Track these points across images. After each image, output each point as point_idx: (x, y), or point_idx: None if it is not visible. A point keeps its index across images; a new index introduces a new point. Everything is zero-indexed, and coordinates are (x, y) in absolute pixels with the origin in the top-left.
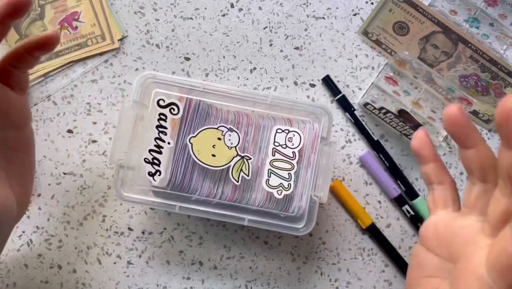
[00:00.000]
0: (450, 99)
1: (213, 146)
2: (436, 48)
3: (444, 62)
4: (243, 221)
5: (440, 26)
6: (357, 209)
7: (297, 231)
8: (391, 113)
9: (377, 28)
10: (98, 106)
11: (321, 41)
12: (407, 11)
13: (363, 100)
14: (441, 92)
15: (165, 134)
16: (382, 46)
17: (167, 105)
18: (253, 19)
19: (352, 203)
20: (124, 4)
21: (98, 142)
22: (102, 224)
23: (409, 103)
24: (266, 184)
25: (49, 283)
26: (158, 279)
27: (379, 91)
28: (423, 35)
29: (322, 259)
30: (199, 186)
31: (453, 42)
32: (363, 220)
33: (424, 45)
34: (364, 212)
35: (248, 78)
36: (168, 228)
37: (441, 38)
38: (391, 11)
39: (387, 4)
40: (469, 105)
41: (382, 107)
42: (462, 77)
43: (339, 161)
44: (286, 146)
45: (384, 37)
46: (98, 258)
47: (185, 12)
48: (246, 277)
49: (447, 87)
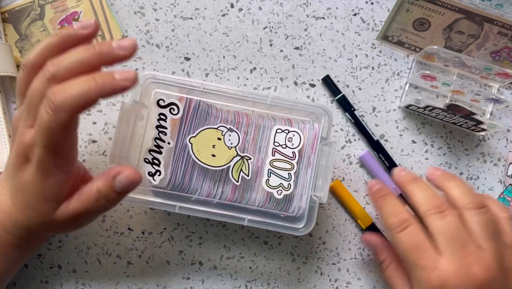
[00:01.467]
0: (486, 77)
1: (213, 146)
2: (462, 33)
3: (473, 44)
4: (243, 221)
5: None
6: (357, 209)
7: (297, 231)
8: (438, 109)
9: (396, 30)
10: (98, 106)
11: (321, 41)
12: (425, 7)
13: (404, 103)
14: (476, 73)
15: (165, 134)
16: (405, 46)
17: (167, 105)
18: (253, 19)
19: (352, 203)
20: (124, 4)
21: (98, 142)
22: (102, 224)
23: (450, 93)
24: (266, 184)
25: (49, 283)
26: (158, 279)
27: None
28: (445, 26)
29: (322, 259)
30: (199, 186)
31: (478, 24)
32: (363, 220)
33: (448, 34)
34: (364, 212)
35: (248, 78)
36: (168, 228)
37: (465, 23)
38: (408, 11)
39: (403, 6)
40: (509, 78)
41: (428, 105)
42: (493, 53)
43: (339, 161)
44: (286, 146)
45: (405, 36)
46: (98, 258)
47: (185, 12)
48: (246, 277)
49: (483, 67)
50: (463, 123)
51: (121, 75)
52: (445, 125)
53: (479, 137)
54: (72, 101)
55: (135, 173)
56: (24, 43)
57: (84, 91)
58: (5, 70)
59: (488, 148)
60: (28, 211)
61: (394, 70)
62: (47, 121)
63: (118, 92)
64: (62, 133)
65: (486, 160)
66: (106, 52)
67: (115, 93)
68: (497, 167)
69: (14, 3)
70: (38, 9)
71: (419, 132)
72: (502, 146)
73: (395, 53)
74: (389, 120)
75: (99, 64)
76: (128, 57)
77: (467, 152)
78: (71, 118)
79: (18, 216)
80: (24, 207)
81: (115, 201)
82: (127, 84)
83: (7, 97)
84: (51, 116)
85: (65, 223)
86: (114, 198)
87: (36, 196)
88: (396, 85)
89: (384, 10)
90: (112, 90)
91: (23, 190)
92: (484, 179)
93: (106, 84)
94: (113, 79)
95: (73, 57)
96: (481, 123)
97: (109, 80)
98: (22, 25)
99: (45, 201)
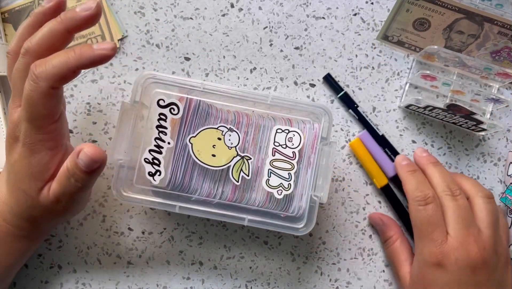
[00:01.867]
0: (486, 77)
1: (213, 146)
2: (462, 33)
3: (473, 44)
4: (243, 221)
5: (462, 13)
6: (374, 168)
7: (297, 231)
8: (438, 108)
9: (396, 30)
10: (98, 106)
11: (321, 41)
12: (425, 7)
13: (404, 103)
14: (476, 73)
15: (165, 134)
16: (405, 46)
17: (167, 105)
18: (253, 19)
19: (369, 162)
20: (124, 4)
21: (98, 142)
22: (102, 224)
23: (450, 93)
24: (266, 184)
25: (49, 283)
26: (158, 279)
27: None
28: (445, 25)
29: (322, 259)
30: (199, 186)
31: (478, 23)
32: (379, 180)
33: (448, 34)
34: (381, 172)
35: (248, 78)
36: (168, 228)
37: (465, 23)
38: (408, 11)
39: (403, 6)
40: (509, 77)
41: (428, 105)
42: (493, 53)
43: (339, 161)
44: (286, 145)
45: (405, 36)
46: (98, 258)
47: (185, 12)
48: (246, 277)
49: (483, 67)
50: (463, 123)
51: (99, 45)
52: (445, 125)
53: (479, 137)
54: (52, 69)
55: (95, 149)
56: None
57: (63, 60)
58: (5, 70)
59: (488, 148)
60: (16, 192)
61: (394, 70)
62: (29, 92)
63: (97, 61)
64: (44, 103)
65: (486, 159)
66: (70, 16)
67: (94, 62)
68: (497, 167)
69: (14, 3)
70: None
71: (419, 132)
72: (502, 145)
73: (395, 53)
74: (389, 120)
75: (67, 30)
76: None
77: (467, 152)
78: (52, 87)
79: (12, 202)
80: (13, 189)
81: (83, 180)
82: (104, 52)
83: (7, 97)
84: (32, 86)
85: (50, 207)
86: (82, 177)
87: (22, 174)
88: (396, 85)
89: (384, 10)
90: (90, 59)
91: (13, 171)
92: (484, 179)
93: (84, 53)
94: (91, 48)
95: (43, 29)
96: (481, 123)
97: (86, 49)
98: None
99: (31, 179)
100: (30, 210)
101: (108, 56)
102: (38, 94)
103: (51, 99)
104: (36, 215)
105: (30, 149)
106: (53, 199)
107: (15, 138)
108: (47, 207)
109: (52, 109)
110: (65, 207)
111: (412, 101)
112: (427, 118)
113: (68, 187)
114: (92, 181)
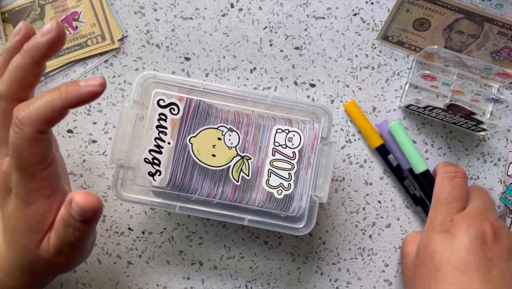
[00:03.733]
0: (486, 77)
1: (213, 145)
2: (462, 33)
3: (473, 44)
4: (243, 221)
5: (462, 13)
6: (368, 128)
7: (297, 231)
8: (438, 108)
9: (396, 30)
10: (98, 106)
11: (321, 41)
12: (425, 7)
13: (404, 103)
14: (476, 73)
15: (165, 134)
16: (405, 46)
17: (167, 105)
18: (253, 19)
19: (363, 123)
20: (124, 4)
21: (98, 142)
22: (102, 224)
23: (450, 93)
24: (266, 184)
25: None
26: (158, 279)
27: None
28: (445, 25)
29: (322, 259)
30: (199, 186)
31: (478, 23)
32: (372, 141)
33: (448, 34)
34: (375, 133)
35: (248, 78)
36: (168, 228)
37: (465, 23)
38: (408, 11)
39: (403, 6)
40: (509, 77)
41: (428, 105)
42: (493, 53)
43: (339, 161)
44: (286, 145)
45: (405, 36)
46: (98, 258)
47: (185, 12)
48: (246, 277)
49: (483, 67)
50: (463, 123)
51: (86, 82)
52: (445, 125)
53: (479, 137)
54: (36, 112)
55: (86, 198)
56: None
57: (47, 101)
58: None
59: (488, 148)
60: (16, 247)
61: (394, 70)
62: (14, 139)
63: (86, 98)
64: (32, 150)
65: (486, 159)
66: (32, 46)
67: (81, 100)
68: (497, 167)
69: (14, 3)
70: (38, 9)
71: (419, 132)
72: (502, 145)
73: (395, 53)
74: (389, 120)
75: (34, 61)
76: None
77: (467, 152)
78: (39, 132)
79: (11, 256)
80: (11, 244)
81: (81, 229)
82: (92, 89)
83: None
84: (17, 133)
85: (51, 260)
86: (79, 226)
87: (19, 227)
88: (396, 85)
89: (384, 10)
90: (77, 97)
91: (9, 225)
92: (484, 179)
93: (70, 92)
94: (77, 86)
95: (10, 68)
96: (481, 123)
97: (72, 87)
98: None
99: (29, 232)
100: (31, 265)
101: (97, 93)
102: (24, 141)
103: (39, 145)
104: (37, 269)
105: (25, 200)
106: (54, 251)
107: (8, 190)
108: (49, 260)
109: (42, 155)
110: (67, 257)
111: (412, 101)
112: (427, 118)
113: (67, 237)
114: (91, 229)
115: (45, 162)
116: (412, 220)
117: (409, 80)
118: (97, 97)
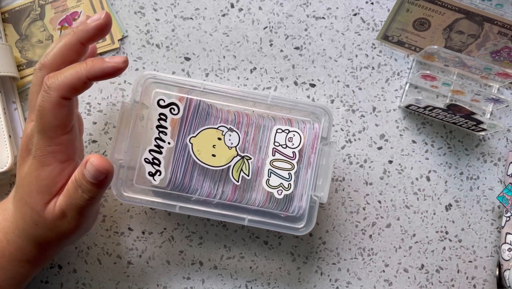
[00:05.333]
0: (486, 77)
1: (213, 146)
2: (462, 33)
3: (473, 44)
4: (243, 221)
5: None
6: None
7: (297, 231)
8: (438, 108)
9: (396, 30)
10: (98, 106)
11: (321, 41)
12: (425, 7)
13: (404, 103)
14: (476, 73)
15: (165, 134)
16: (405, 46)
17: (167, 105)
18: (253, 19)
19: None
20: (124, 4)
21: (98, 142)
22: (102, 224)
23: (450, 93)
24: (266, 184)
25: (49, 283)
26: (158, 279)
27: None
28: (445, 25)
29: (322, 259)
30: (199, 186)
31: (478, 23)
32: None
33: (448, 34)
34: None
35: (248, 78)
36: (168, 228)
37: (465, 23)
38: (408, 11)
39: (403, 6)
40: (509, 77)
41: (428, 105)
42: (493, 53)
43: (339, 161)
44: (286, 145)
45: (405, 36)
46: (98, 258)
47: (185, 12)
48: (246, 277)
49: (483, 67)
50: (463, 123)
51: (110, 58)
52: (445, 125)
53: (479, 137)
54: (63, 80)
55: (101, 160)
56: (24, 43)
57: (74, 71)
58: (5, 70)
59: (488, 148)
60: (22, 207)
61: (394, 70)
62: (40, 102)
63: (109, 72)
64: (55, 113)
65: (486, 159)
66: (82, 28)
67: (105, 74)
68: (497, 167)
69: (14, 3)
70: (38, 9)
71: (419, 132)
72: (502, 145)
73: (395, 53)
74: (389, 120)
75: (80, 41)
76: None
77: (467, 152)
78: (63, 98)
79: (17, 216)
80: (20, 203)
81: (90, 192)
82: (115, 64)
83: (7, 97)
84: (44, 97)
85: (54, 223)
86: (89, 188)
87: (31, 187)
88: (396, 85)
89: (384, 10)
90: (101, 70)
91: (22, 185)
92: (484, 179)
93: (95, 65)
94: (102, 60)
95: (58, 43)
96: (481, 123)
97: (98, 61)
98: (22, 25)
99: (38, 192)
100: (34, 228)
101: (119, 69)
102: (49, 104)
103: (62, 110)
104: (40, 234)
105: (41, 161)
106: (59, 213)
107: (28, 152)
108: (52, 223)
109: (63, 120)
110: (69, 222)
111: (412, 101)
112: (427, 118)
113: (75, 198)
114: (99, 193)
115: (65, 127)
116: (412, 220)
117: (409, 80)
118: (119, 73)
